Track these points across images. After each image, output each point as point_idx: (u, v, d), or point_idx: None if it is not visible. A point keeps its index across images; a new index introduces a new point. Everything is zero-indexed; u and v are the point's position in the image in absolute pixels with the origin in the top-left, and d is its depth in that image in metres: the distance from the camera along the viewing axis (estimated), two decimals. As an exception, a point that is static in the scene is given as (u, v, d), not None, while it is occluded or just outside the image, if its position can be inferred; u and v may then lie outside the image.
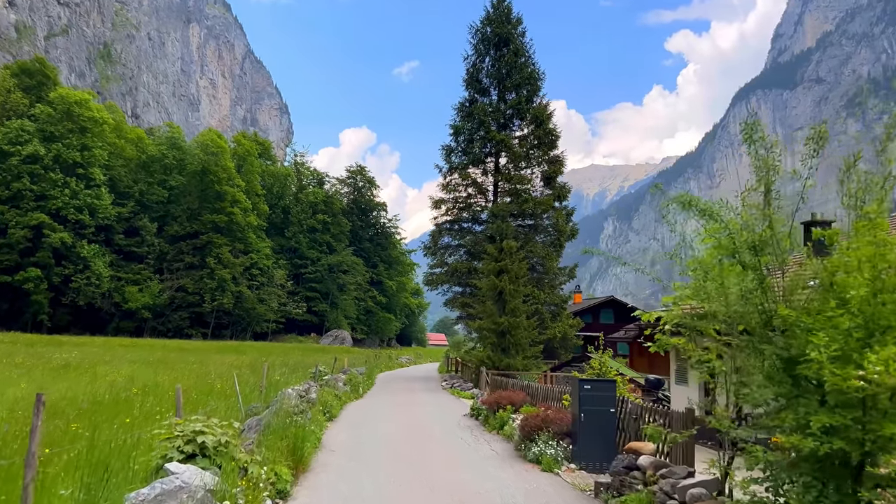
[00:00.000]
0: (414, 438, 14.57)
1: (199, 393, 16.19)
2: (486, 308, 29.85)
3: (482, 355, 29.02)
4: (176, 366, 26.33)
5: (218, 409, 12.75)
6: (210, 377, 20.74)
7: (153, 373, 21.82)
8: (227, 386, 17.78)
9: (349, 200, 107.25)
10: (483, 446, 13.49)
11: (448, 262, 40.54)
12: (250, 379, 20.13)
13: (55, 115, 68.60)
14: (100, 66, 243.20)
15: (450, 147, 40.88)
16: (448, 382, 33.49)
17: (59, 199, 66.67)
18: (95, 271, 68.75)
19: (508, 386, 20.47)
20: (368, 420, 17.59)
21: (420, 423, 17.91)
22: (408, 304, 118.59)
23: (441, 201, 40.87)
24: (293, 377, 23.97)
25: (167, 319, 76.56)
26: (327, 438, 13.42)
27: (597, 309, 48.74)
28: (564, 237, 37.39)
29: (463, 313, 38.61)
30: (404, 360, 66.84)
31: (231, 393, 16.26)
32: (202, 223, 79.14)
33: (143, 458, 7.28)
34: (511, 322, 28.47)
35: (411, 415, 19.84)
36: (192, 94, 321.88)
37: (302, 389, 18.28)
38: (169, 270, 78.53)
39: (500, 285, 29.06)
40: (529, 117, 38.56)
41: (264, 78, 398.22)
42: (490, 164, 40.54)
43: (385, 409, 21.31)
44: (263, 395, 15.85)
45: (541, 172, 38.68)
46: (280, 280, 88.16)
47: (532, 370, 28.12)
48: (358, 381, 27.62)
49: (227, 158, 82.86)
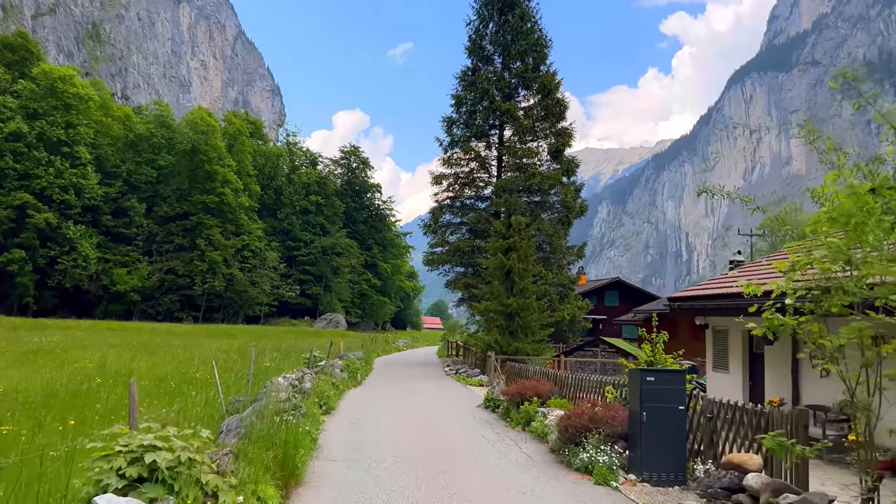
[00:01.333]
0: (427, 437, 12.63)
1: (178, 382, 14.30)
2: (492, 289, 27.85)
3: (489, 339, 27.06)
4: (159, 350, 24.31)
5: (195, 403, 10.85)
6: (193, 364, 18.78)
7: (131, 358, 19.80)
8: (210, 374, 15.96)
9: (343, 182, 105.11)
10: (511, 449, 11.38)
11: (450, 241, 38.40)
12: (237, 366, 18.22)
13: (38, 91, 66.21)
14: (88, 47, 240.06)
15: (451, 119, 38.46)
16: (451, 368, 31.58)
17: (43, 178, 64.42)
18: (82, 253, 66.69)
19: (528, 374, 18.32)
20: (371, 413, 15.70)
21: (430, 416, 16.05)
22: (403, 287, 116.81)
23: (442, 176, 38.62)
24: (286, 363, 22.02)
25: (157, 302, 74.62)
26: (325, 439, 11.44)
27: (601, 291, 47.03)
28: (573, 214, 35.14)
29: (465, 295, 36.55)
30: (401, 343, 65.10)
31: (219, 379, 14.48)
32: (192, 204, 77.02)
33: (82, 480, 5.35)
34: (520, 303, 26.49)
35: (418, 406, 17.96)
36: (182, 75, 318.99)
37: (295, 378, 16.37)
38: (158, 252, 76.47)
39: (508, 264, 27.06)
40: (536, 86, 36.17)
41: (256, 59, 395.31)
42: (494, 138, 38.27)
43: (388, 398, 19.36)
44: (251, 385, 13.89)
45: (548, 146, 36.42)
46: (273, 262, 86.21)
47: (543, 354, 26.32)
48: (356, 366, 25.62)
49: (218, 137, 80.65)
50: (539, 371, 18.21)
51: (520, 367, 20.17)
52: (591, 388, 14.55)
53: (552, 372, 16.83)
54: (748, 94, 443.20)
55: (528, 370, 18.90)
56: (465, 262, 37.00)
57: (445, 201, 38.91)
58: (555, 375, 16.28)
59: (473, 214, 37.88)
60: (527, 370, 18.98)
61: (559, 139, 35.77)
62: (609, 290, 47.63)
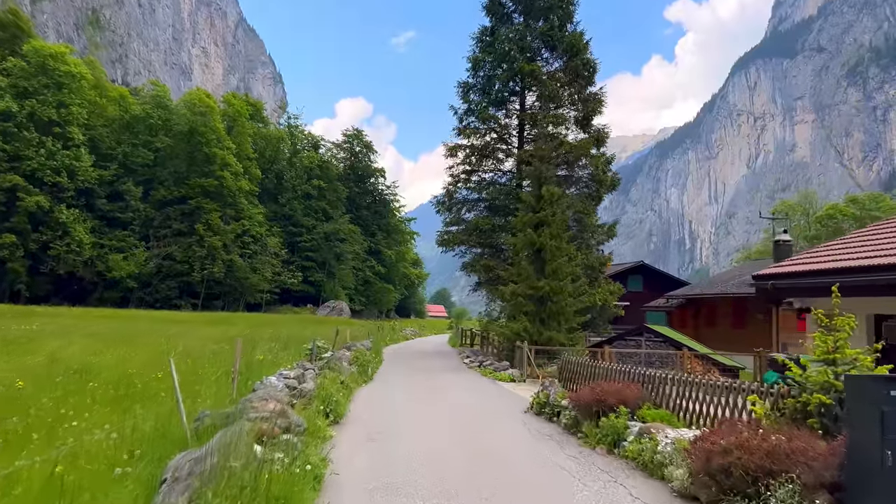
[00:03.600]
0: (481, 465, 9.02)
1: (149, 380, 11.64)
2: (520, 270, 24.76)
3: (517, 327, 23.86)
4: (142, 340, 21.33)
5: (146, 417, 8.15)
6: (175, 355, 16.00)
7: (99, 351, 16.80)
8: (192, 368, 13.33)
9: (346, 166, 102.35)
10: (612, 490, 7.78)
11: (466, 219, 35.13)
12: (230, 358, 15.49)
13: (29, 69, 63.17)
14: (88, 33, 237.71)
15: (467, 84, 34.93)
16: (473, 359, 28.53)
17: (34, 159, 61.47)
18: (75, 238, 63.85)
19: (591, 373, 14.90)
20: (392, 422, 12.70)
21: (471, 426, 12.56)
22: (407, 274, 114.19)
23: (457, 148, 34.95)
24: (284, 356, 19.05)
25: (154, 289, 71.85)
26: (338, 469, 8.28)
27: (624, 275, 44.37)
28: (604, 188, 31.91)
29: (483, 277, 33.61)
30: (408, 332, 62.54)
31: (196, 379, 11.77)
32: (190, 187, 74.11)
33: None
34: (553, 286, 23.41)
35: (450, 409, 14.72)
36: (183, 62, 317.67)
37: (294, 375, 13.42)
38: (155, 237, 73.62)
39: (538, 241, 24.02)
40: (562, 47, 32.61)
41: (258, 46, 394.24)
42: (515, 105, 34.97)
43: (409, 399, 16.36)
44: (236, 388, 11.04)
45: (574, 115, 33.08)
46: (274, 248, 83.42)
47: (577, 344, 23.54)
48: (366, 358, 22.68)
49: (217, 119, 77.68)
50: (616, 370, 13.92)
51: (584, 363, 16.09)
52: (712, 394, 10.25)
53: (640, 371, 12.87)
54: (752, 81, 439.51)
55: (599, 369, 14.96)
56: (484, 241, 33.89)
57: (461, 175, 35.52)
58: (644, 375, 12.55)
59: (492, 189, 34.79)
60: (597, 369, 15.00)
61: (588, 105, 32.39)
62: (632, 275, 44.89)
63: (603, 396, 11.16)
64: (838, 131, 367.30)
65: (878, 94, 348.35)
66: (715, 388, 10.30)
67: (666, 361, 21.77)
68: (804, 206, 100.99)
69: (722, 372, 21.10)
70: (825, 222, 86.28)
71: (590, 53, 32.97)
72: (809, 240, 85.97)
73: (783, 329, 27.95)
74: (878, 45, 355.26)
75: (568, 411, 12.34)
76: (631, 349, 22.96)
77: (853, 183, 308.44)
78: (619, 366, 14.16)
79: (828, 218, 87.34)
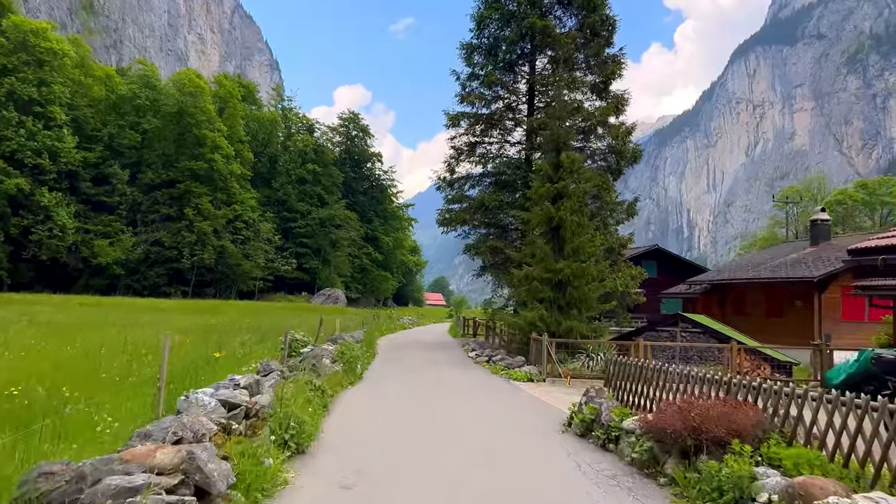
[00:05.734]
0: None
1: (77, 385, 8.89)
2: (534, 249, 21.72)
3: (532, 317, 20.67)
4: (97, 331, 18.43)
5: None
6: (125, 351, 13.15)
7: (38, 342, 14.05)
8: (124, 368, 10.66)
9: (342, 150, 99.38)
10: None
11: (470, 196, 32.02)
12: (184, 354, 12.66)
13: (8, 45, 60.18)
14: (82, 18, 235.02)
15: (471, 45, 31.33)
16: (479, 353, 25.48)
17: (13, 140, 58.53)
18: (58, 222, 60.97)
19: (671, 381, 10.68)
20: (381, 452, 9.32)
21: (494, 459, 9.04)
22: (405, 261, 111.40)
23: (460, 116, 31.51)
24: (259, 350, 16.11)
25: (142, 276, 69.09)
26: None
27: (637, 260, 41.62)
28: (625, 160, 28.83)
29: (489, 260, 30.68)
30: (406, 320, 59.93)
31: (112, 385, 9.05)
32: (179, 170, 71.21)
33: None
34: (574, 269, 20.35)
35: (461, 428, 11.30)
36: (179, 49, 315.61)
37: (245, 384, 9.66)
38: (143, 222, 70.80)
39: (557, 216, 21.01)
40: (577, 2, 29.29)
41: (254, 33, 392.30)
42: (524, 69, 31.82)
43: (406, 410, 13.03)
44: (160, 404, 8.14)
45: (590, 81, 29.75)
46: (267, 234, 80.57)
47: (602, 336, 20.70)
48: (354, 353, 18.94)
49: (207, 100, 74.67)
50: (707, 379, 9.89)
51: (637, 364, 12.49)
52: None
53: (757, 383, 8.76)
54: (752, 69, 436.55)
55: (668, 374, 10.98)
56: (490, 220, 30.98)
57: (463, 147, 32.26)
58: (762, 389, 8.57)
59: (500, 162, 31.67)
60: (654, 372, 11.47)
61: (606, 68, 29.09)
62: (646, 261, 42.10)
63: (702, 423, 7.50)
64: (838, 119, 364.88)
65: (878, 82, 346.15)
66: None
67: (706, 356, 18.98)
68: (812, 192, 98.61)
69: (775, 369, 18.38)
70: (834, 208, 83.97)
71: (608, 9, 29.81)
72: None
73: (826, 318, 25.35)
74: (878, 32, 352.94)
75: (636, 439, 8.81)
76: (662, 342, 19.89)
77: (852, 171, 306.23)
78: (705, 372, 10.24)
79: (836, 203, 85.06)
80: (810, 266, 26.76)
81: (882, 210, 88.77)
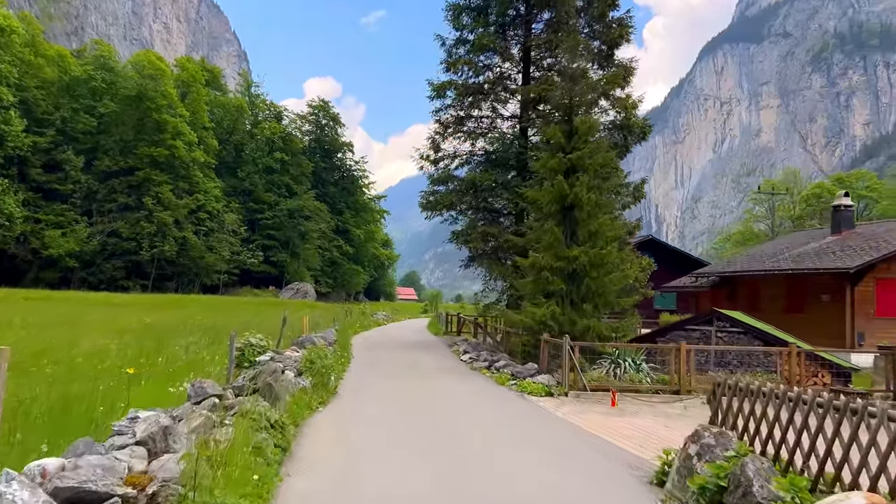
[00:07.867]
0: None
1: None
2: (542, 233, 18.32)
3: (542, 314, 17.19)
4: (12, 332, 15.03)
5: None
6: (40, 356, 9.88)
7: None
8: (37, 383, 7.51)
9: (311, 139, 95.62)
10: None
11: (459, 176, 28.62)
12: (105, 369, 9.42)
13: (-51, 20, 55.76)
14: (41, 3, 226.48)
15: (458, 5, 28.22)
16: (472, 355, 21.68)
17: (-47, 122, 54.24)
18: (5, 211, 56.55)
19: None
20: None
21: None
22: (377, 255, 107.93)
23: (446, 85, 28.19)
24: (204, 357, 12.76)
25: (98, 269, 64.78)
26: None
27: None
28: (633, 136, 25.74)
29: (479, 249, 27.11)
30: (380, 316, 56.82)
31: None
32: (138, 157, 67.01)
33: None
34: (591, 256, 16.95)
35: (483, 491, 6.95)
36: (144, 37, 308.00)
37: (144, 436, 6.00)
38: (99, 212, 66.50)
39: (570, 193, 17.57)
40: None
41: (222, 23, 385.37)
42: (518, 33, 28.53)
43: (398, 452, 8.66)
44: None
45: (593, 52, 25.87)
46: (232, 225, 76.60)
47: (626, 336, 17.67)
48: (326, 362, 14.43)
49: (169, 84, 70.50)
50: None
51: (790, 396, 6.58)
52: None
53: None
54: (719, 66, 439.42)
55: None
56: (480, 204, 27.82)
57: (450, 121, 28.80)
58: None
59: (491, 136, 28.26)
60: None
61: (611, 33, 25.87)
62: (641, 252, 39.56)
63: None
64: (802, 117, 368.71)
65: (842, 80, 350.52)
66: None
67: (748, 361, 15.99)
68: (788, 185, 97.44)
69: (835, 377, 15.52)
70: (811, 201, 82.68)
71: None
72: (794, 220, 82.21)
73: (859, 314, 22.77)
74: (842, 31, 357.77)
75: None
76: (693, 343, 16.61)
77: (816, 168, 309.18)
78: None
79: (814, 197, 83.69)
80: (839, 256, 24.19)
81: (858, 204, 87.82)
